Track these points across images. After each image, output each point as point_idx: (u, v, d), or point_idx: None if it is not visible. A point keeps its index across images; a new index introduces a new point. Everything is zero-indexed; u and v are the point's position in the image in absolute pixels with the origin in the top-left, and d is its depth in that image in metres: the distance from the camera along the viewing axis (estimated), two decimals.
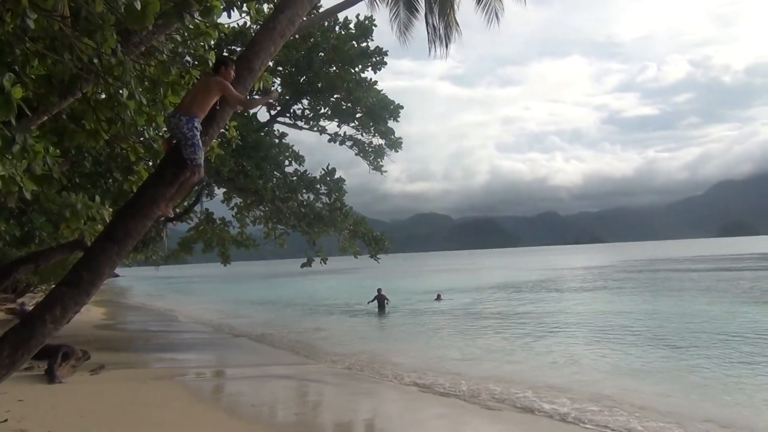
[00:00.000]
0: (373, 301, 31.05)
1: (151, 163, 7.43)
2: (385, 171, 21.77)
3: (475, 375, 13.76)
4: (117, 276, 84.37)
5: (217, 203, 21.07)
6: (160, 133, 7.03)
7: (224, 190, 20.16)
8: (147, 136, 6.95)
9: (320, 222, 18.72)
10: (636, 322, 22.64)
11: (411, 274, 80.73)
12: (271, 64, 19.23)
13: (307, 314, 31.45)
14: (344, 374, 14.48)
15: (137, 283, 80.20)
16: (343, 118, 21.22)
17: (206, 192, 20.02)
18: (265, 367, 15.51)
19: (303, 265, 20.60)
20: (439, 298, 35.90)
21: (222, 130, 6.74)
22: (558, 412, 10.19)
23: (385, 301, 30.95)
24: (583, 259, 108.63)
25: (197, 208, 19.94)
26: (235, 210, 20.79)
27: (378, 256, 20.96)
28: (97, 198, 6.87)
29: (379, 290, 31.56)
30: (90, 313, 28.86)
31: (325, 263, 20.37)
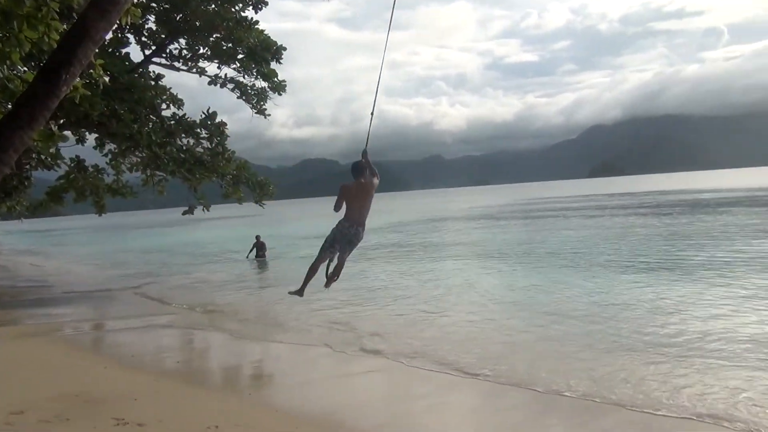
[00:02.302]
0: (252, 250, 29.85)
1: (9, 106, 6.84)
2: (269, 115, 21.25)
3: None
4: None
5: (89, 150, 19.77)
6: (16, 72, 6.48)
7: (96, 135, 18.94)
8: (1, 75, 6.38)
9: (201, 167, 18.12)
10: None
11: (300, 219, 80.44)
12: None
13: (189, 264, 30.32)
14: (226, 323, 14.34)
15: (4, 238, 74.62)
16: (224, 59, 20.33)
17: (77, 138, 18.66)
18: (146, 318, 15.09)
19: (185, 213, 19.97)
20: None
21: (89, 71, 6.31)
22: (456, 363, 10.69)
23: (265, 249, 29.92)
24: (467, 200, 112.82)
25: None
26: (109, 157, 19.61)
27: (264, 202, 20.68)
28: None
29: (257, 237, 30.40)
30: None
31: (207, 210, 19.85)
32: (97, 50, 5.95)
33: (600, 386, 7.87)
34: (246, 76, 20.61)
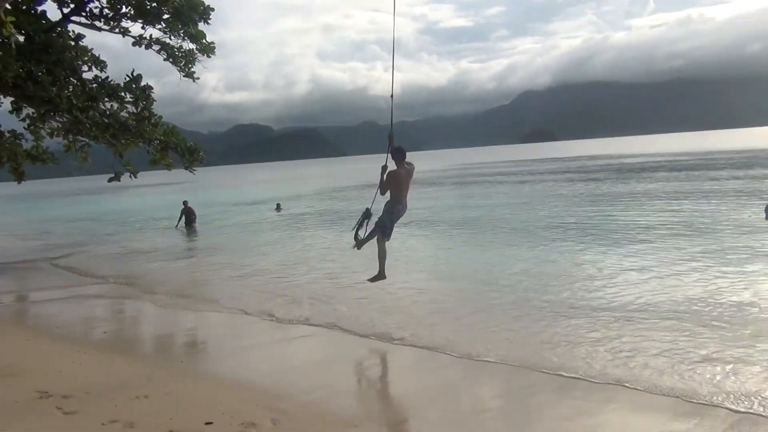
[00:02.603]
0: (181, 218, 28.66)
1: None
2: (198, 78, 20.58)
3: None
4: None
5: (5, 114, 18.68)
6: None
7: (11, 99, 17.90)
8: None
9: (126, 133, 17.44)
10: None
11: (233, 186, 79.12)
12: None
13: (116, 233, 29.26)
14: (155, 292, 14.04)
15: None
16: (148, 18, 19.42)
17: None
18: (72, 289, 14.60)
19: (110, 180, 19.29)
20: (278, 207, 35.01)
21: None
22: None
23: (194, 216, 28.81)
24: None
25: None
26: (27, 121, 18.61)
27: (194, 168, 20.18)
28: None
29: (185, 203, 29.17)
30: None
31: (134, 177, 19.23)
32: (8, 6, 5.60)
33: (521, 351, 8.01)
34: (173, 38, 19.81)
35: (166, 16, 19.28)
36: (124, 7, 19.37)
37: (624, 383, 6.71)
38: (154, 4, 19.01)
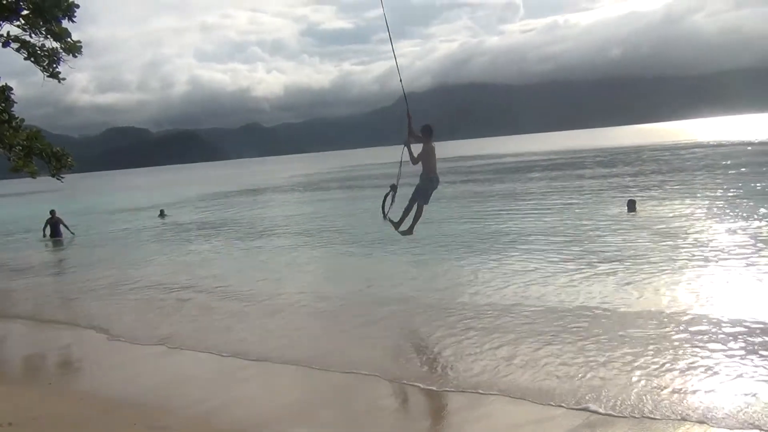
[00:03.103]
0: (46, 227, 26.46)
1: None
2: (65, 79, 19.22)
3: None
4: None
5: None
6: None
7: None
8: None
9: None
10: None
11: (108, 193, 75.01)
12: None
13: None
14: (18, 310, 13.09)
15: None
16: (4, 14, 17.92)
17: None
18: None
19: None
20: (162, 214, 33.54)
21: None
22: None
23: (61, 225, 26.64)
24: (288, 169, 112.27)
25: None
26: None
27: (62, 175, 18.84)
28: None
29: (52, 213, 26.87)
30: None
31: None
32: None
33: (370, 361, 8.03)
34: (33, 35, 18.36)
35: (24, 12, 17.86)
36: None
37: (479, 390, 6.77)
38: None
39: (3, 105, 16.83)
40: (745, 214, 18.15)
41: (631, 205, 20.76)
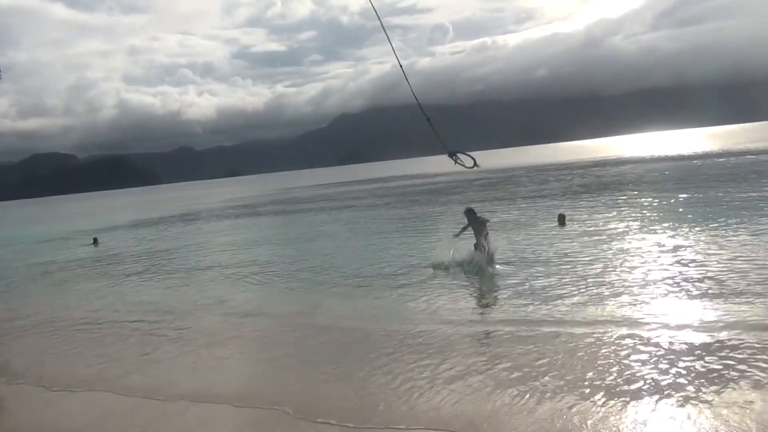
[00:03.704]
0: None
1: None
2: None
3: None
4: None
5: None
6: None
7: None
8: None
9: None
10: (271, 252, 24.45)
11: (37, 221, 72.01)
12: None
13: None
14: None
15: None
16: None
17: None
18: None
19: None
20: (96, 242, 32.28)
21: None
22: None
23: None
24: (221, 193, 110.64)
25: None
26: None
27: None
28: None
29: None
30: None
31: None
32: None
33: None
34: None
35: None
36: None
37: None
38: None
39: None
40: (661, 226, 19.36)
41: (562, 219, 21.70)
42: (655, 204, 25.38)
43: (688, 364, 7.57)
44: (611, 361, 7.87)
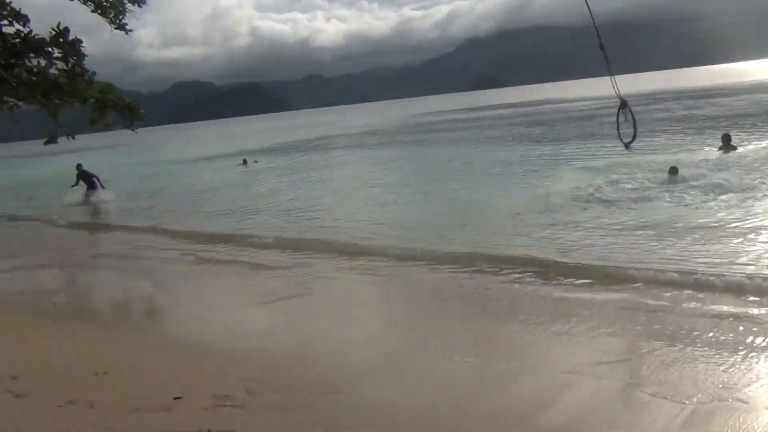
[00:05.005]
0: (76, 185, 24.64)
1: None
2: (131, 30, 19.29)
3: None
4: None
5: None
6: None
7: None
8: None
9: (59, 91, 16.31)
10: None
11: (186, 145, 76.70)
12: None
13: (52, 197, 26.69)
14: (104, 259, 13.44)
15: None
16: None
17: None
18: (14, 260, 13.79)
19: (46, 143, 18.12)
20: (245, 162, 34.19)
21: None
22: None
23: (93, 178, 24.60)
24: (351, 119, 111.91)
25: None
26: None
27: (135, 128, 19.21)
28: None
29: (78, 166, 25.06)
30: None
31: (72, 139, 18.16)
32: None
33: None
34: None
35: None
36: None
37: None
38: None
39: (75, 59, 17.06)
40: None
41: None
42: None
43: None
44: None
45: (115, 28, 19.06)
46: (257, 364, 5.99)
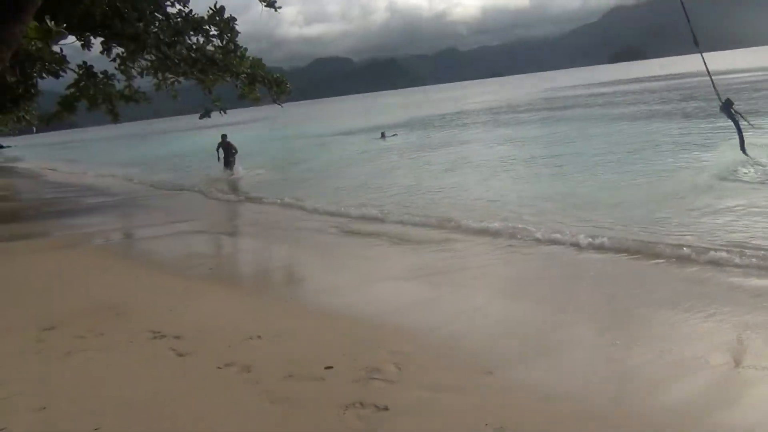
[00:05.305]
0: (219, 153, 25.77)
1: None
2: (280, 8, 19.95)
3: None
4: (2, 147, 78.17)
5: (96, 55, 18.80)
6: None
7: (101, 39, 17.94)
8: None
9: (214, 67, 17.27)
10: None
11: (322, 119, 79.27)
12: None
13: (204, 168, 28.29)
14: (258, 226, 14.13)
15: (28, 151, 74.56)
16: None
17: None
18: (174, 225, 14.83)
19: (202, 116, 19.32)
20: (383, 136, 35.19)
21: None
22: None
23: (233, 151, 25.62)
24: (486, 93, 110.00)
25: None
26: (118, 61, 18.65)
27: (281, 102, 19.94)
28: None
29: (223, 137, 25.92)
30: None
31: (224, 113, 19.19)
32: None
33: None
34: None
35: None
36: None
37: None
38: None
39: (229, 36, 17.91)
40: None
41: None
42: None
43: None
44: None
45: (266, 6, 19.82)
46: (406, 339, 5.89)
